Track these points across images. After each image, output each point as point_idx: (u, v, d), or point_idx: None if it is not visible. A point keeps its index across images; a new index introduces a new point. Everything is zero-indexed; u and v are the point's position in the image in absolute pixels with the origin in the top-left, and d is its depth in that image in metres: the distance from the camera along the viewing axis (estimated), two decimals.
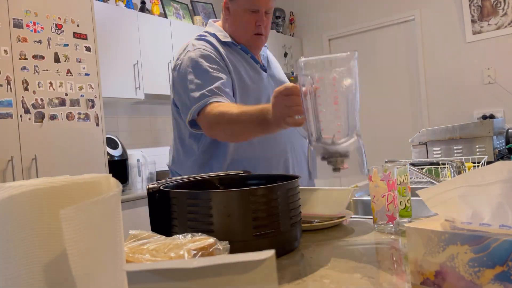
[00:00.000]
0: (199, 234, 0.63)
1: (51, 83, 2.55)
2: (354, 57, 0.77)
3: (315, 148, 0.80)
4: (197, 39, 1.43)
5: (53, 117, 2.54)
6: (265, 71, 1.47)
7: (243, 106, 1.22)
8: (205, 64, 1.33)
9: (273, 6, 1.43)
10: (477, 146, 2.11)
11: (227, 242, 0.62)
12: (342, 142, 0.77)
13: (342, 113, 0.78)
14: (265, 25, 1.42)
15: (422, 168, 1.67)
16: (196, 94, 1.29)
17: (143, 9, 3.65)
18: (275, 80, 1.49)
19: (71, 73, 2.64)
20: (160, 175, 3.46)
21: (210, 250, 0.58)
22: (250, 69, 1.43)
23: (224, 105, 1.24)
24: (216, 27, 1.47)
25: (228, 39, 1.42)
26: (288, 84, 0.97)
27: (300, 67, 0.80)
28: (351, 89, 0.77)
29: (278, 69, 1.57)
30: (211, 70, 1.33)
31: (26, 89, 2.44)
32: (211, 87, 1.29)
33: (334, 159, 0.77)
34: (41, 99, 2.50)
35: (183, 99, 1.35)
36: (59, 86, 2.58)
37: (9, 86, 2.37)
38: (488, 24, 3.75)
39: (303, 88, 0.81)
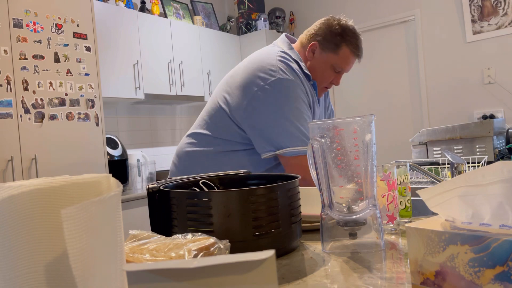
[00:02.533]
0: (199, 234, 0.64)
1: (51, 83, 2.55)
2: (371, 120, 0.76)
3: (328, 217, 0.79)
4: (282, 61, 1.34)
5: (53, 117, 2.54)
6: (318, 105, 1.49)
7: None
8: (301, 103, 1.30)
9: None
10: (477, 146, 2.12)
11: (227, 240, 0.62)
12: (359, 210, 0.76)
13: (362, 169, 0.75)
14: (336, 85, 1.44)
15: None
16: (296, 136, 1.28)
17: (143, 9, 3.65)
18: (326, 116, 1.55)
19: (71, 73, 2.64)
20: (160, 175, 3.47)
21: (211, 249, 0.58)
22: (316, 106, 1.43)
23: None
24: (295, 53, 1.40)
25: (308, 72, 1.38)
26: None
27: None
28: (371, 144, 0.75)
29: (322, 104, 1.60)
30: (306, 112, 1.31)
31: (26, 89, 2.44)
32: (307, 134, 1.27)
33: (350, 227, 0.77)
34: (41, 99, 2.50)
35: (272, 128, 1.30)
36: (59, 86, 2.58)
37: (9, 86, 2.37)
38: (488, 24, 3.75)
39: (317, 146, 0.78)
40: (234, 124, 1.38)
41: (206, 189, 0.91)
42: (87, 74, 2.73)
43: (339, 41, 1.33)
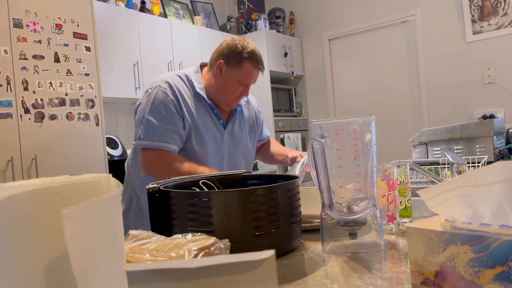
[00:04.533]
0: (199, 234, 0.63)
1: (51, 83, 2.55)
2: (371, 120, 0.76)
3: (328, 217, 0.78)
4: (174, 79, 1.54)
5: (53, 117, 2.54)
6: (225, 127, 1.60)
7: (190, 167, 1.39)
8: (166, 109, 1.47)
9: None
10: (477, 146, 2.11)
11: (227, 240, 0.62)
12: (359, 210, 0.75)
13: (362, 169, 0.75)
14: (246, 95, 1.58)
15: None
16: (150, 131, 1.47)
17: (143, 9, 3.65)
18: (233, 138, 1.62)
19: (71, 73, 2.64)
20: None
21: (212, 249, 0.58)
22: (211, 123, 1.56)
23: (177, 162, 1.42)
24: (198, 76, 1.59)
25: (202, 93, 1.54)
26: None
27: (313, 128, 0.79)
28: (371, 145, 0.75)
29: (241, 128, 1.68)
30: (168, 115, 1.47)
31: (26, 89, 2.44)
32: (164, 133, 1.45)
33: (350, 227, 0.76)
34: (41, 99, 2.50)
35: (137, 125, 1.54)
36: (59, 86, 2.58)
37: (9, 86, 2.37)
38: (488, 24, 3.75)
39: (316, 147, 0.78)
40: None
41: (206, 189, 0.91)
42: (87, 74, 2.73)
43: (241, 58, 1.49)
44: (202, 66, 1.64)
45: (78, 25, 2.70)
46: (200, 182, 0.92)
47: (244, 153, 1.66)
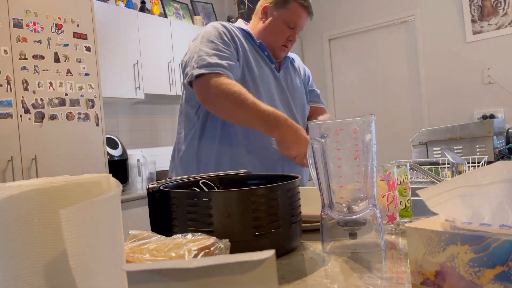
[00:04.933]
0: (199, 234, 0.63)
1: (51, 83, 2.55)
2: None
3: (328, 217, 0.78)
4: (221, 22, 1.46)
5: (53, 117, 2.54)
6: (278, 71, 1.50)
7: (255, 99, 1.25)
8: (219, 39, 1.37)
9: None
10: (477, 146, 2.12)
11: (227, 240, 0.62)
12: (359, 210, 0.75)
13: (362, 169, 0.75)
14: (293, 42, 1.48)
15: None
16: (204, 59, 1.31)
17: (143, 9, 3.65)
18: (287, 83, 1.51)
19: (71, 73, 2.64)
20: (160, 175, 3.46)
21: (212, 249, 0.58)
22: (263, 64, 1.45)
23: (239, 86, 1.27)
24: (242, 24, 1.51)
25: (251, 33, 1.46)
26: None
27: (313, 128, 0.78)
28: (371, 145, 0.75)
29: (293, 74, 1.58)
30: (223, 44, 1.36)
31: (26, 89, 2.44)
32: (220, 60, 1.31)
33: (350, 227, 0.76)
34: (41, 99, 2.50)
35: (189, 62, 1.36)
36: (59, 86, 2.58)
37: (9, 86, 2.37)
38: (489, 24, 3.75)
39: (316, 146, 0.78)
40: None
41: (206, 189, 0.91)
42: (87, 74, 2.73)
43: None
44: (245, 23, 1.57)
45: (78, 25, 2.70)
46: (200, 182, 0.92)
47: (301, 105, 1.55)
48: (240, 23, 1.52)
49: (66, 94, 2.61)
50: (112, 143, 3.07)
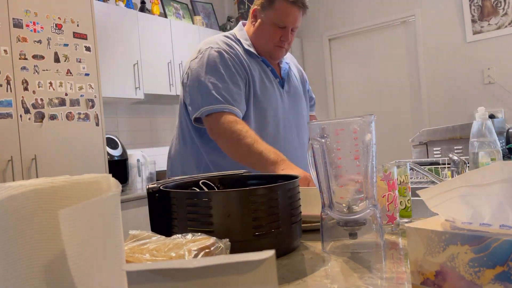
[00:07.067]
0: (199, 234, 0.63)
1: (51, 83, 2.55)
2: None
3: (328, 217, 0.78)
4: (223, 39, 1.44)
5: (53, 117, 2.54)
6: (282, 86, 1.49)
7: (258, 139, 1.24)
8: (225, 68, 1.34)
9: (299, 24, 1.45)
10: None
11: (227, 240, 0.62)
12: (359, 210, 0.75)
13: (362, 169, 0.75)
14: (289, 41, 1.44)
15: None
16: (212, 94, 1.31)
17: (143, 9, 3.65)
18: (290, 97, 1.51)
19: (71, 73, 2.64)
20: (160, 175, 3.46)
21: (212, 249, 0.58)
22: (267, 82, 1.44)
23: (241, 125, 1.27)
24: (243, 33, 1.48)
25: (252, 49, 1.44)
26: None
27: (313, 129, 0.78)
28: (371, 145, 0.75)
29: (296, 84, 1.58)
30: (229, 76, 1.34)
31: (26, 89, 2.44)
32: (227, 95, 1.30)
33: (350, 227, 0.76)
34: (41, 99, 2.50)
35: (194, 92, 1.35)
36: (59, 86, 2.58)
37: (9, 86, 2.37)
38: (489, 24, 3.75)
39: (316, 146, 0.78)
40: (184, 108, 1.45)
41: (206, 189, 0.91)
42: (87, 74, 2.73)
43: None
44: (244, 24, 1.54)
45: (78, 25, 2.70)
46: (200, 182, 0.92)
47: (304, 115, 1.54)
48: (241, 34, 1.49)
49: (66, 94, 2.61)
50: (112, 143, 3.07)
